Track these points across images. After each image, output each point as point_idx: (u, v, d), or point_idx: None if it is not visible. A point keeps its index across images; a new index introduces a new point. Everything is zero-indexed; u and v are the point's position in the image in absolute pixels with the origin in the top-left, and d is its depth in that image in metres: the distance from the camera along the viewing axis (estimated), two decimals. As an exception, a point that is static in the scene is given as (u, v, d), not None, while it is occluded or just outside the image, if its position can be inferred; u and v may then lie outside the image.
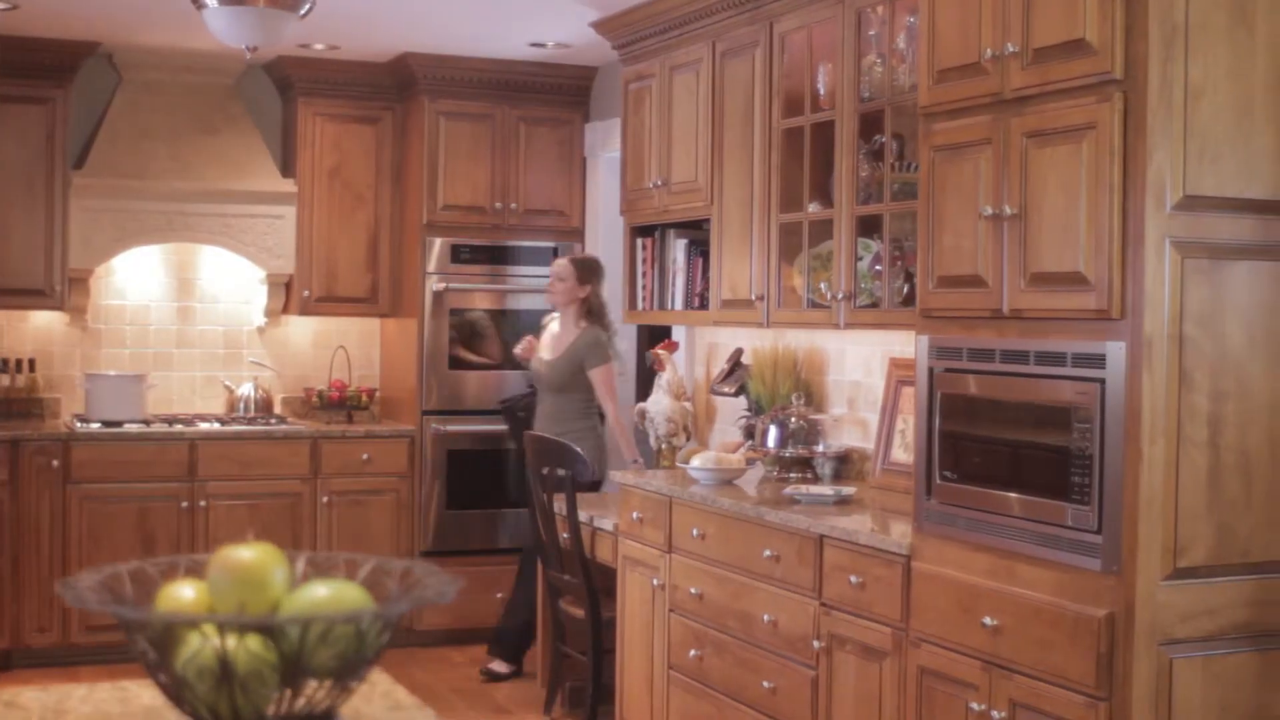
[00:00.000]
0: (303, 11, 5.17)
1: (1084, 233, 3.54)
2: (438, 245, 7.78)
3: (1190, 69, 3.43)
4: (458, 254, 7.83)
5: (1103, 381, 3.51)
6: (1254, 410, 3.53)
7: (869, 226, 5.10)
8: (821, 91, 5.37)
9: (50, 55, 7.33)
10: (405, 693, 1.68)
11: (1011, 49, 3.75)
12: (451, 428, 7.82)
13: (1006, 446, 3.88)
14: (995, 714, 3.80)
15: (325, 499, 7.60)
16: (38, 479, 7.13)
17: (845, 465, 5.63)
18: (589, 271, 6.81)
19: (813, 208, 5.40)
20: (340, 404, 7.99)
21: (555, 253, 7.92)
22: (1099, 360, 3.52)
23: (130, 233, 7.60)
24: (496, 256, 7.93)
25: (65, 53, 7.36)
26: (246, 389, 7.94)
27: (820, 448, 5.65)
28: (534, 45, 7.36)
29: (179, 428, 7.47)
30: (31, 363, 7.65)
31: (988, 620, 3.82)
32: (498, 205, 7.84)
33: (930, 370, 4.11)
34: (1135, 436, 3.43)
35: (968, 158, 3.94)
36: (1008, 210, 3.77)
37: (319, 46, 7.45)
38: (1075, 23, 3.55)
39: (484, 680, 7.07)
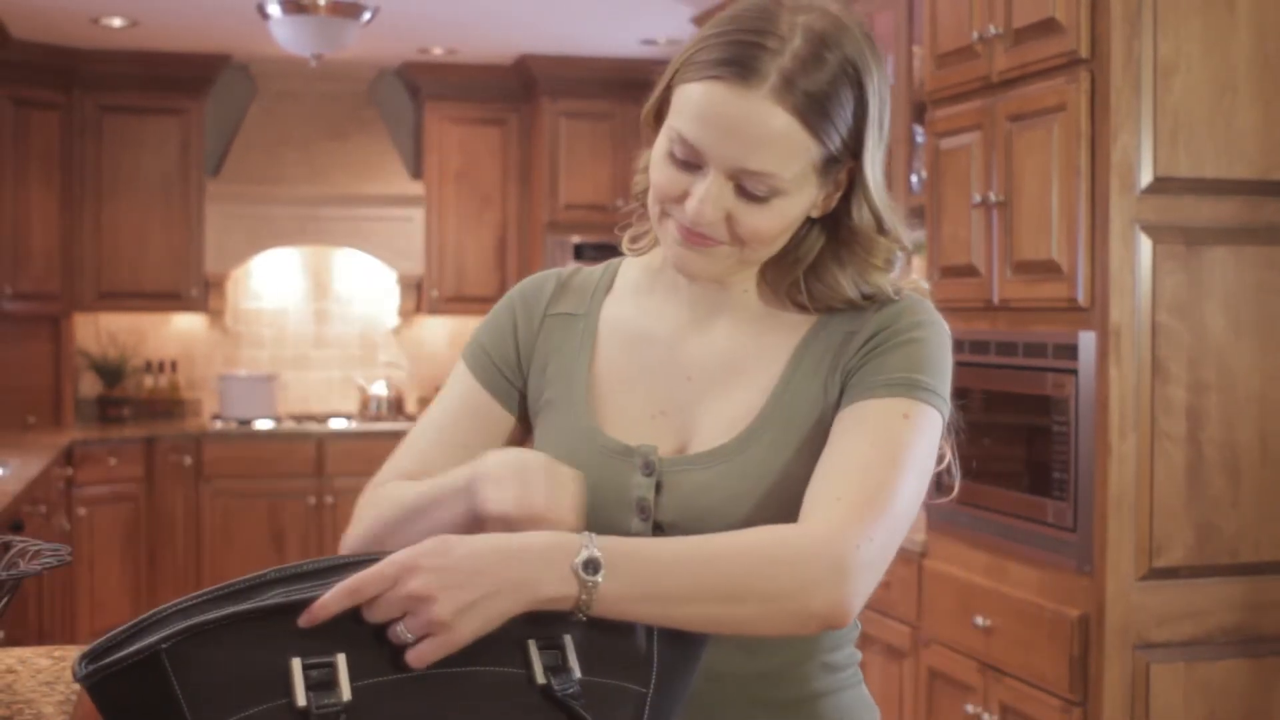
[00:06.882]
0: (365, 19, 5.26)
1: (1056, 219, 3.41)
2: (562, 244, 7.84)
3: (1160, 45, 3.26)
4: (581, 252, 7.88)
5: (1076, 373, 3.37)
6: (1240, 402, 3.34)
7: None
8: (892, 80, 5.25)
9: (183, 68, 7.60)
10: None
11: (994, 30, 3.63)
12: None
13: (1001, 440, 3.75)
14: (986, 717, 3.67)
15: (450, 495, 7.69)
16: (172, 476, 7.40)
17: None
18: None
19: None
20: (471, 402, 8.08)
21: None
22: (1073, 351, 3.38)
23: (263, 236, 7.84)
24: (619, 254, 7.91)
25: (197, 65, 7.63)
26: (379, 388, 8.11)
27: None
28: (645, 42, 7.36)
29: (309, 425, 7.68)
30: (173, 364, 7.94)
31: (979, 620, 3.70)
32: (619, 203, 7.86)
33: (939, 363, 3.99)
34: (1104, 430, 3.28)
35: (963, 144, 3.82)
36: (993, 197, 3.65)
37: (438, 51, 7.57)
38: (1047, 1, 3.42)
39: None
